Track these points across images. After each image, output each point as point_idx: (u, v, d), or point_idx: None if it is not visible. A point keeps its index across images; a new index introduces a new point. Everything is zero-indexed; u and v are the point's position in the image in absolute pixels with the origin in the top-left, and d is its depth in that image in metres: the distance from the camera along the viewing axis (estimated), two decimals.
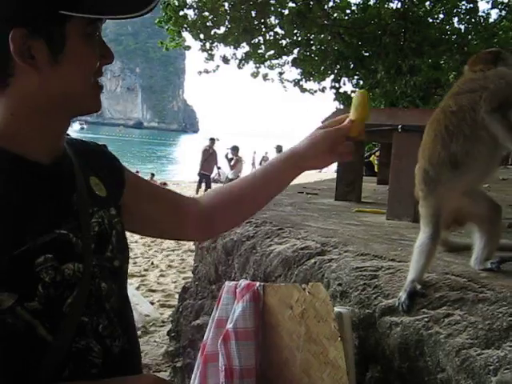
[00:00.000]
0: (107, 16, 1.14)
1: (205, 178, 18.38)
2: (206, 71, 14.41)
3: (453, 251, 2.41)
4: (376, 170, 8.91)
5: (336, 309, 1.98)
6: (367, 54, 12.44)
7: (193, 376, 2.32)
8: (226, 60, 13.67)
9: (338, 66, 12.98)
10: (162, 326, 6.13)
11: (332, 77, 13.43)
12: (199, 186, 18.62)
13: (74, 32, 1.10)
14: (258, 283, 2.20)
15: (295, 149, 1.55)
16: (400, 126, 3.17)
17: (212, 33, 12.72)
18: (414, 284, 1.99)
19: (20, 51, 1.06)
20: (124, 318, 1.26)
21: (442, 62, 14.22)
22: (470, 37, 13.25)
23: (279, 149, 19.09)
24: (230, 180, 16.49)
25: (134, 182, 1.45)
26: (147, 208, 1.45)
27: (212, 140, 18.36)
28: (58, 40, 1.09)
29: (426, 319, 1.87)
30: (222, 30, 12.57)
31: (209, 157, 18.14)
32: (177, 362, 3.62)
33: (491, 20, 13.71)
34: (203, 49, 13.28)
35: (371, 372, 2.02)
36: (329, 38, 12.24)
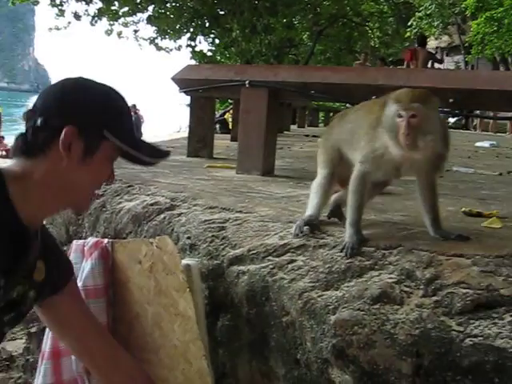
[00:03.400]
0: (137, 156, 1.53)
1: None
2: (57, 28, 13.79)
3: None
4: (230, 127, 9.05)
5: (184, 261, 2.00)
6: (222, 13, 12.43)
7: (44, 338, 2.27)
8: (77, 16, 13.16)
9: (194, 24, 12.87)
10: None
11: (188, 35, 13.34)
12: None
13: (105, 150, 1.49)
14: (106, 240, 2.17)
15: None
16: (247, 82, 3.22)
17: None
18: (312, 218, 2.10)
19: (65, 141, 1.41)
20: None
21: (296, 21, 14.56)
22: None
23: (133, 108, 18.65)
24: None
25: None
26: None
27: None
28: (93, 149, 1.47)
29: (271, 266, 1.95)
30: None
31: None
32: (31, 327, 3.52)
33: None
34: (53, 4, 12.69)
35: (222, 321, 2.08)
36: None
